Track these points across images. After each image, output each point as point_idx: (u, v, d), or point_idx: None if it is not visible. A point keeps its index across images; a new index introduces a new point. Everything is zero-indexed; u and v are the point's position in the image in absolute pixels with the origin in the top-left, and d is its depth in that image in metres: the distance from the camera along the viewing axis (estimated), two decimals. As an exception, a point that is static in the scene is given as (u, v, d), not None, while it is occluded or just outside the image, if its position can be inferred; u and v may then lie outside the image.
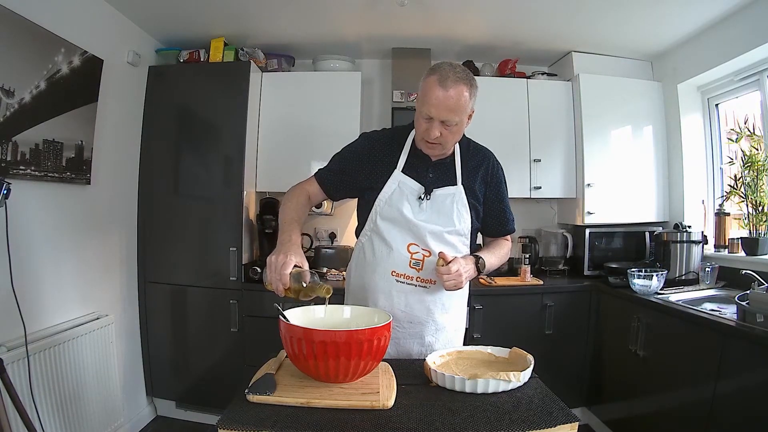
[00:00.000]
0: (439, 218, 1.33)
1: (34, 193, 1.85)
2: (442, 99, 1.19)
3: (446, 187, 1.35)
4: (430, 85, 1.21)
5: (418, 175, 1.34)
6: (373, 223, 1.35)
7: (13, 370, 1.58)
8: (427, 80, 1.23)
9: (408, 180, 1.34)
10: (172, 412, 2.66)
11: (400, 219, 1.32)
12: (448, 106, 1.20)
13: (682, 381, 1.87)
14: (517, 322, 2.51)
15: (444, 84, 1.19)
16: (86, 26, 2.09)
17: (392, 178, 1.33)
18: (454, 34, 2.71)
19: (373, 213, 1.34)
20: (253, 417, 0.88)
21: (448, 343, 1.40)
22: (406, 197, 1.32)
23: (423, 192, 1.33)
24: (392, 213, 1.32)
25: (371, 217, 1.35)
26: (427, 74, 1.24)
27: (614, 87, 2.81)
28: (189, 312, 2.57)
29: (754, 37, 2.15)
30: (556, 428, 0.87)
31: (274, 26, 2.59)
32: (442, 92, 1.19)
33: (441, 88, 1.19)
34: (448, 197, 1.34)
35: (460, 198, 1.35)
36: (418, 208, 1.32)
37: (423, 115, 1.24)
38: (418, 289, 1.33)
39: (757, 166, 2.27)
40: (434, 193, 1.33)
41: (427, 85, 1.22)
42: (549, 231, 2.99)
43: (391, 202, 1.32)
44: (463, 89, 1.21)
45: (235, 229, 2.52)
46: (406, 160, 1.35)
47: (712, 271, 2.33)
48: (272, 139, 2.72)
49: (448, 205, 1.34)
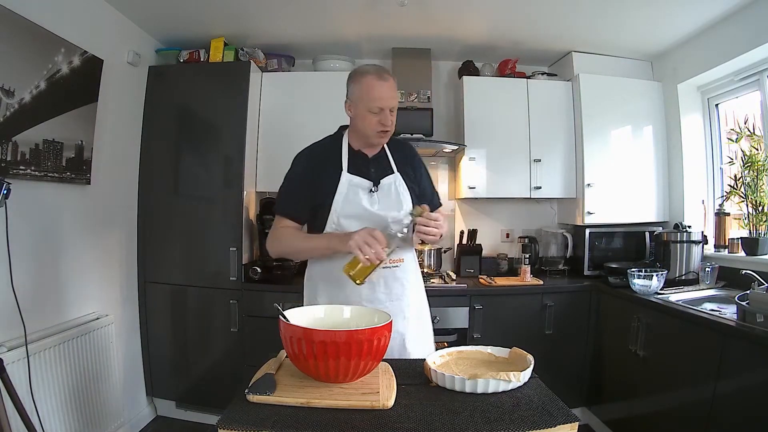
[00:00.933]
0: (390, 204, 1.47)
1: (34, 193, 1.85)
2: (386, 89, 1.39)
3: (387, 176, 1.50)
4: (371, 82, 1.39)
5: (362, 173, 1.47)
6: (335, 224, 1.44)
7: (13, 370, 1.58)
8: (363, 80, 1.40)
9: (355, 178, 1.46)
10: (172, 412, 2.66)
11: (362, 212, 1.43)
12: (392, 95, 1.41)
13: (682, 381, 1.87)
14: (517, 322, 2.51)
15: (382, 77, 1.39)
16: (86, 26, 2.09)
17: (342, 178, 1.44)
18: (454, 34, 2.71)
19: (332, 215, 1.44)
20: (253, 417, 0.88)
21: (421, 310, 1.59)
22: (359, 193, 1.45)
23: (372, 185, 1.46)
24: (352, 209, 1.43)
25: (331, 219, 1.44)
26: (358, 76, 1.42)
27: (614, 87, 2.81)
28: (189, 312, 2.57)
29: (754, 37, 2.16)
30: (556, 428, 0.87)
31: (274, 26, 2.59)
32: (384, 83, 1.39)
33: (382, 81, 1.39)
34: (392, 185, 1.49)
35: (400, 183, 1.51)
36: (372, 200, 1.46)
37: (372, 111, 1.39)
38: (391, 270, 1.48)
39: (757, 166, 2.27)
40: (381, 183, 1.47)
41: (368, 84, 1.39)
42: (549, 231, 2.99)
43: (348, 200, 1.44)
44: (393, 79, 1.43)
45: (235, 229, 2.52)
46: (348, 161, 1.48)
47: (712, 271, 2.33)
48: (272, 139, 2.72)
49: (393, 191, 1.49)
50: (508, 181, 2.83)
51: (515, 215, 3.14)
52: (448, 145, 2.74)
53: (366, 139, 1.47)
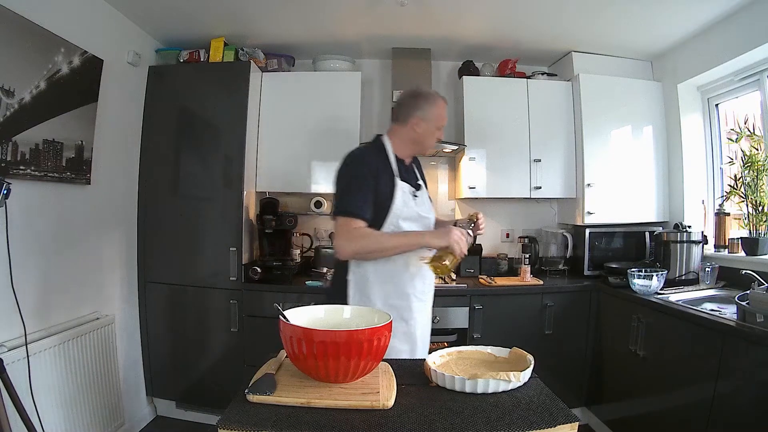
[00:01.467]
0: (428, 207, 1.67)
1: (34, 193, 1.85)
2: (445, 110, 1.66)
3: (420, 182, 1.70)
4: (441, 104, 1.64)
5: (407, 180, 1.60)
6: (393, 225, 1.53)
7: (13, 370, 1.58)
8: (438, 103, 1.63)
9: (405, 185, 1.58)
10: (172, 412, 2.66)
11: (417, 216, 1.58)
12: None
13: (682, 381, 1.87)
14: (517, 322, 2.51)
15: (445, 100, 1.66)
16: (86, 26, 2.09)
17: (398, 185, 1.54)
18: (454, 34, 2.71)
19: (392, 217, 1.52)
20: (253, 417, 0.88)
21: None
22: (410, 198, 1.57)
23: (414, 191, 1.61)
24: (410, 213, 1.56)
25: (391, 221, 1.52)
26: (433, 99, 1.63)
27: (614, 87, 2.81)
28: (189, 312, 2.57)
29: (754, 37, 2.16)
30: (556, 428, 0.87)
31: (274, 26, 2.59)
32: (445, 105, 1.66)
33: (445, 103, 1.66)
34: (424, 191, 1.69)
35: (425, 189, 1.72)
36: (418, 203, 1.60)
37: (438, 127, 1.63)
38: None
39: (757, 166, 2.27)
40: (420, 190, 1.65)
41: (441, 107, 1.63)
42: (549, 231, 2.99)
43: (406, 204, 1.55)
44: None
45: (235, 229, 2.52)
46: (397, 168, 1.58)
47: (712, 271, 2.33)
48: (272, 139, 2.72)
49: (426, 194, 1.69)
50: (508, 181, 2.83)
51: (515, 215, 3.14)
52: (448, 145, 2.74)
53: (422, 151, 1.69)
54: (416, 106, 1.60)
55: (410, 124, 1.60)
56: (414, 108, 1.60)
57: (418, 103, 1.61)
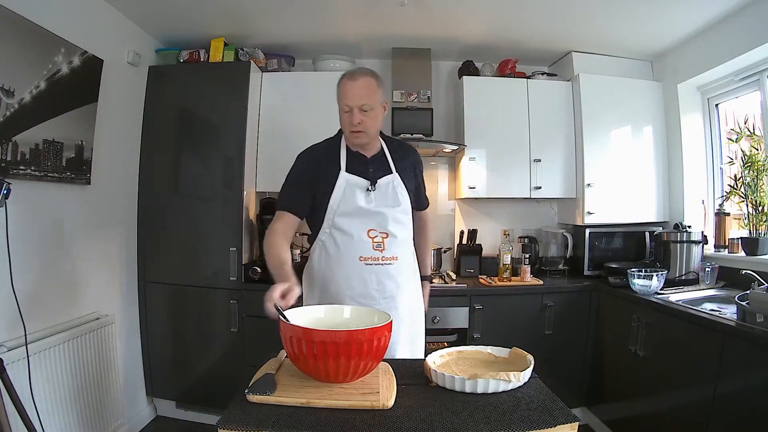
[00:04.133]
0: (387, 202, 1.53)
1: (34, 193, 1.85)
2: (355, 88, 1.45)
3: (386, 176, 1.55)
4: (343, 83, 1.48)
5: (360, 173, 1.52)
6: (330, 222, 1.50)
7: (13, 370, 1.58)
8: (339, 83, 1.49)
9: (353, 177, 1.50)
10: (172, 412, 2.66)
11: (357, 210, 1.49)
12: (360, 93, 1.45)
13: (682, 381, 1.87)
14: (517, 322, 2.51)
15: (353, 77, 1.46)
16: (86, 26, 2.09)
17: (340, 178, 1.49)
18: (454, 34, 2.71)
19: (329, 212, 1.49)
20: (253, 417, 0.88)
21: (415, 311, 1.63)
22: (356, 192, 1.49)
23: (369, 185, 1.51)
24: (348, 207, 1.48)
25: (328, 217, 1.49)
26: (339, 80, 1.49)
27: (614, 87, 2.81)
28: (189, 312, 2.57)
29: (754, 37, 2.15)
30: (556, 428, 0.87)
31: (274, 26, 2.59)
32: (353, 83, 1.45)
33: (351, 81, 1.46)
34: (389, 184, 1.55)
35: (398, 182, 1.56)
36: (369, 198, 1.50)
37: (343, 110, 1.48)
38: (385, 267, 1.50)
39: (757, 166, 2.27)
40: (378, 183, 1.52)
41: (341, 85, 1.48)
42: (549, 231, 2.99)
43: (345, 198, 1.49)
44: (370, 79, 1.48)
45: (235, 229, 2.52)
46: (346, 161, 1.52)
47: (712, 271, 2.33)
48: (272, 139, 2.71)
49: (391, 190, 1.54)
50: (508, 181, 2.83)
51: (515, 215, 3.14)
52: (448, 145, 2.74)
53: (348, 140, 1.54)
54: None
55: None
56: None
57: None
